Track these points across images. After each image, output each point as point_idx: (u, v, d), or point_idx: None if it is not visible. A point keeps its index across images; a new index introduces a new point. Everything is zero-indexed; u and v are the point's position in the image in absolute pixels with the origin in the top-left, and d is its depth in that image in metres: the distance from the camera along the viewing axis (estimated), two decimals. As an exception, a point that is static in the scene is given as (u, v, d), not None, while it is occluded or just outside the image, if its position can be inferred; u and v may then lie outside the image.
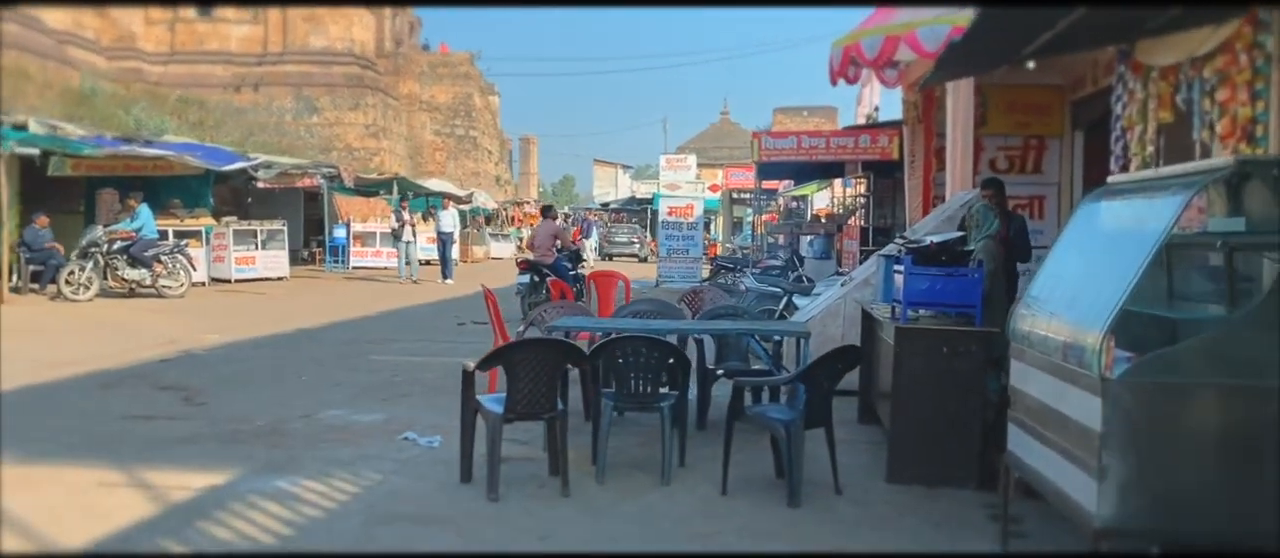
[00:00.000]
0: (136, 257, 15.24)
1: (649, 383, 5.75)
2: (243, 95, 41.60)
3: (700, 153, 54.93)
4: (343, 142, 41.47)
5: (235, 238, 19.17)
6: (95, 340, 11.12)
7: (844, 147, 15.93)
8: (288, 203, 25.26)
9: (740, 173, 37.53)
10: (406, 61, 49.38)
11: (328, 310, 14.99)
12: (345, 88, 42.47)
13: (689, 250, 21.21)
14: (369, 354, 10.68)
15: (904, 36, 10.68)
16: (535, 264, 13.62)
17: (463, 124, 49.89)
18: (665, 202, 21.93)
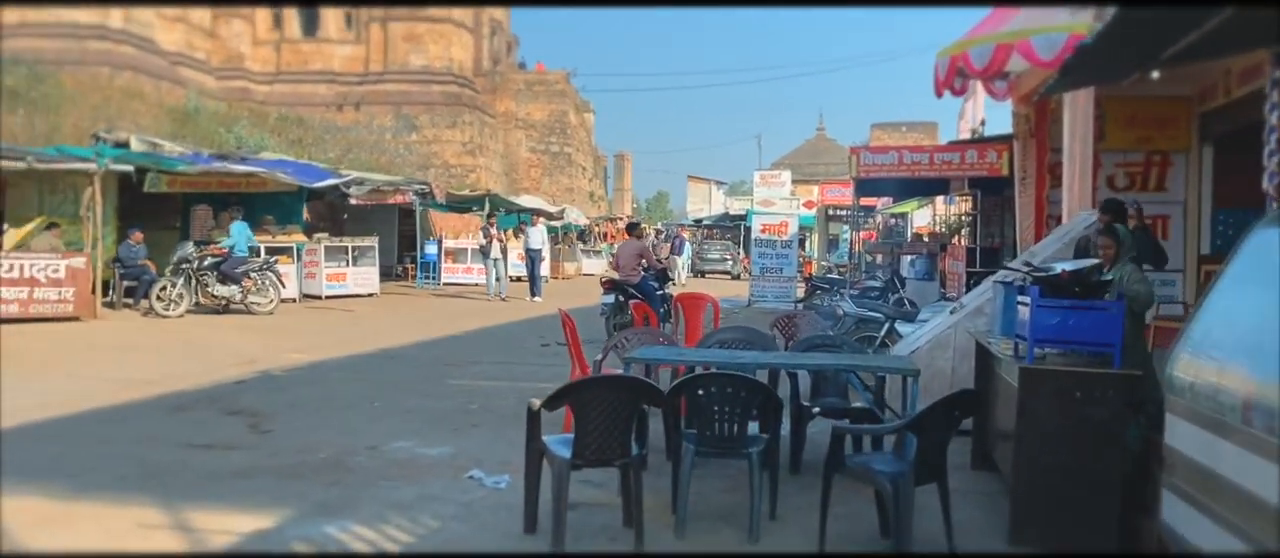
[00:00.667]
0: (227, 273, 15.22)
1: (736, 424, 5.08)
2: (345, 114, 42.39)
3: (795, 168, 53.98)
4: (440, 159, 41.85)
5: (326, 254, 19.14)
6: (177, 359, 10.95)
7: (949, 162, 14.97)
8: (383, 219, 25.32)
9: (837, 189, 36.48)
10: (503, 80, 49.72)
11: (412, 329, 14.70)
12: (443, 106, 42.90)
13: (783, 269, 20.39)
14: (446, 377, 10.24)
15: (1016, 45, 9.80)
16: (620, 284, 13.06)
17: (557, 141, 49.91)
18: (758, 218, 21.18)
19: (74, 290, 13.30)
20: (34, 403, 8.00)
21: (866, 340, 9.81)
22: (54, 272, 13.13)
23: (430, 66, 43.17)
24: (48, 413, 7.71)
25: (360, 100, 42.70)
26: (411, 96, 42.76)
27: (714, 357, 6.25)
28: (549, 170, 50.03)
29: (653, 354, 6.32)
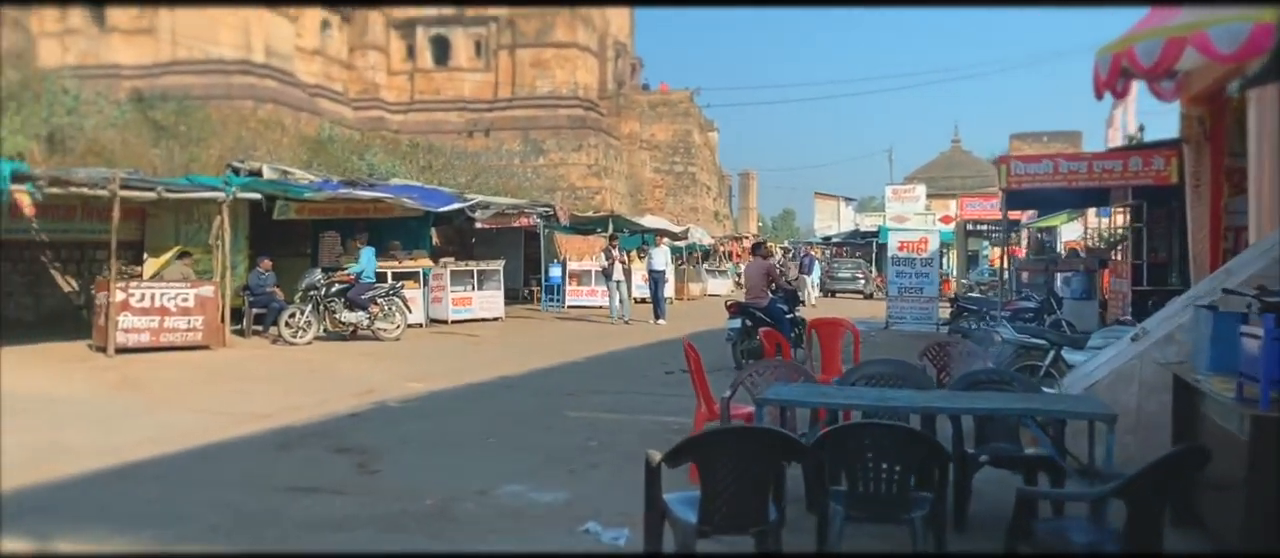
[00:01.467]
0: (353, 300, 15.08)
1: (894, 483, 4.21)
2: (474, 140, 42.91)
3: (929, 182, 51.98)
4: (566, 181, 41.84)
5: (452, 279, 18.94)
6: (296, 389, 10.67)
7: (1110, 171, 13.57)
8: (510, 242, 25.16)
9: (976, 203, 34.64)
10: (628, 102, 49.55)
11: (534, 355, 14.20)
12: (569, 129, 42.95)
13: (923, 289, 19.11)
14: (565, 409, 9.61)
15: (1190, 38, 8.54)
16: (747, 307, 12.24)
17: (681, 161, 49.37)
18: (895, 235, 19.94)
19: (203, 319, 13.31)
20: (147, 438, 7.73)
21: (1028, 370, 8.71)
22: (183, 300, 13.17)
23: (557, 91, 43.31)
24: (158, 449, 7.40)
25: (489, 126, 43.15)
26: (538, 121, 42.97)
27: (862, 398, 5.37)
28: (673, 190, 49.53)
29: (790, 394, 5.48)
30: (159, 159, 18.91)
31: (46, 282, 15.71)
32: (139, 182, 12.68)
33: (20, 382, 10.40)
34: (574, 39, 43.36)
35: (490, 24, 44.20)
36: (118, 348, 12.46)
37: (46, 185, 11.44)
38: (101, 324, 12.63)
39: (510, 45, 43.40)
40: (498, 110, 43.48)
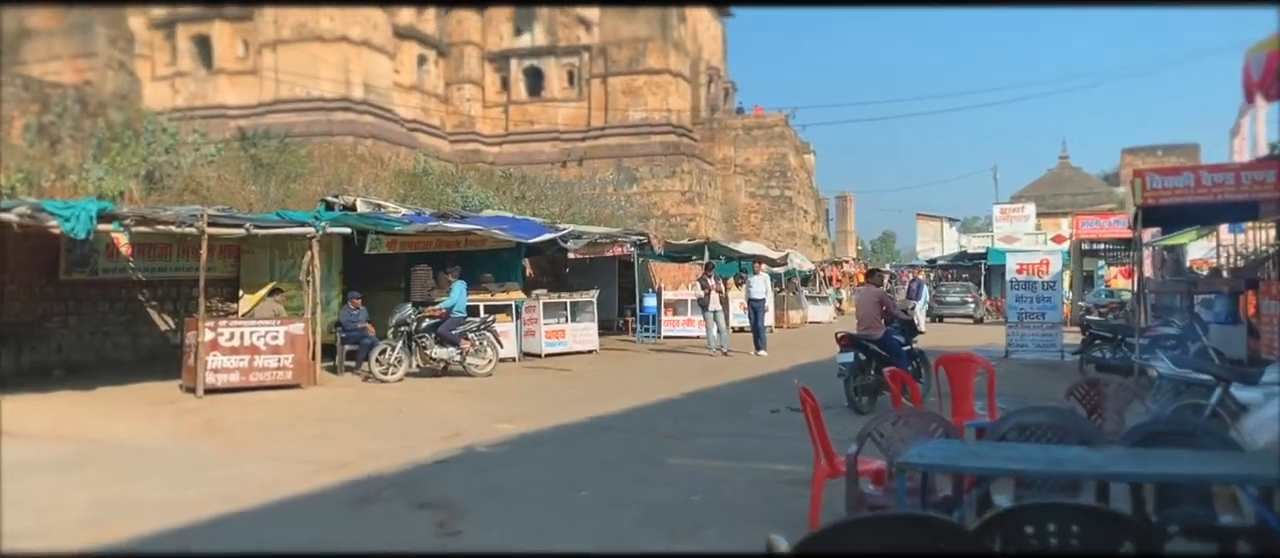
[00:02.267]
0: (444, 335, 14.59)
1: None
2: (568, 170, 42.65)
3: (1037, 201, 49.73)
4: (660, 209, 41.21)
5: (545, 311, 18.36)
6: (382, 432, 10.11)
7: (1261, 182, 12.15)
8: (604, 272, 24.53)
9: (1093, 221, 32.69)
10: (721, 127, 48.78)
11: (629, 390, 13.44)
12: (662, 156, 42.35)
13: (1045, 314, 17.72)
14: (665, 455, 8.79)
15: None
16: (859, 340, 11.24)
17: (778, 185, 48.29)
18: (1013, 257, 18.59)
19: (293, 357, 12.94)
20: (219, 493, 7.19)
21: (1191, 410, 7.55)
22: (273, 339, 12.82)
23: (649, 118, 42.81)
24: (227, 506, 6.84)
25: (582, 155, 42.87)
26: (631, 149, 42.51)
27: (1028, 460, 4.42)
28: (769, 215, 48.43)
29: (938, 456, 4.54)
30: (254, 196, 18.89)
31: (143, 321, 15.67)
32: (228, 218, 12.40)
33: (105, 426, 10.10)
34: (666, 65, 42.85)
35: (582, 53, 44.04)
36: (207, 388, 12.15)
37: (133, 224, 11.20)
38: (191, 364, 12.35)
39: (602, 74, 43.12)
40: (591, 139, 43.20)
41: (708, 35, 52.05)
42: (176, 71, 39.31)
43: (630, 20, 43.93)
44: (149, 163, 16.95)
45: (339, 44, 37.89)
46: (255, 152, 26.23)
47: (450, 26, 44.35)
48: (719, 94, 51.19)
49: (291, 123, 36.19)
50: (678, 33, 45.01)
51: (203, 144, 18.77)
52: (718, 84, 51.05)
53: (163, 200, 16.66)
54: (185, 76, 39.25)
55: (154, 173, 17.00)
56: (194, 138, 18.72)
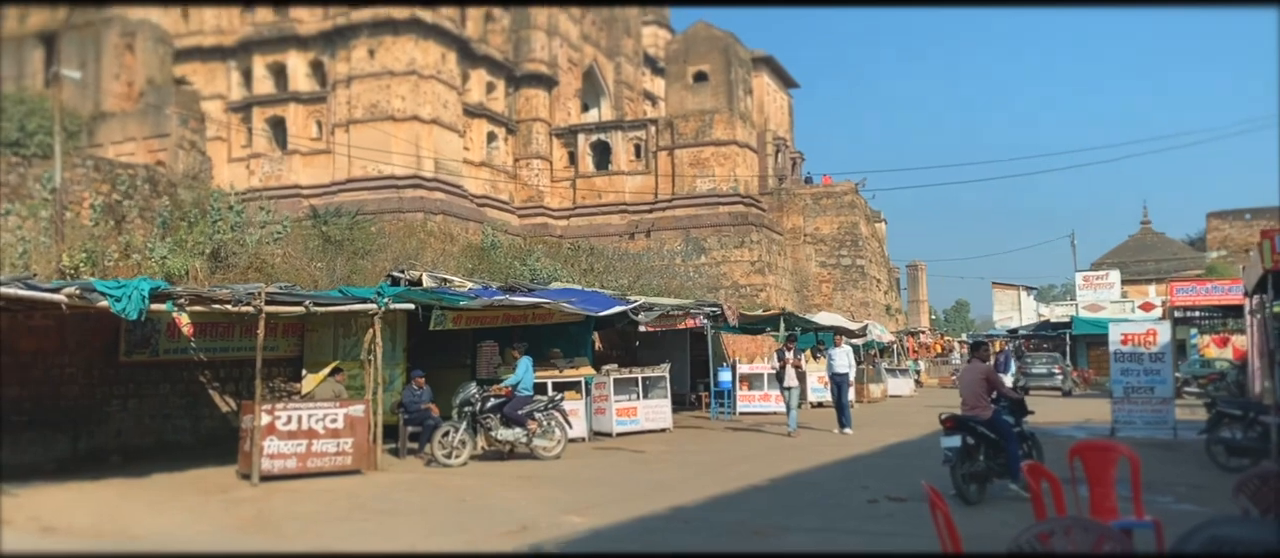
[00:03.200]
0: (510, 415, 13.72)
1: None
2: (636, 242, 42.06)
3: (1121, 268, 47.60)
4: (729, 279, 40.28)
5: (616, 387, 17.41)
6: (440, 526, 9.20)
7: None
8: (675, 345, 23.55)
9: (1189, 288, 30.78)
10: (790, 196, 47.91)
11: (708, 475, 12.37)
12: (731, 226, 41.55)
13: (1154, 388, 16.22)
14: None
15: None
16: (967, 422, 10.06)
17: (849, 254, 47.05)
18: (1117, 327, 17.14)
19: (352, 441, 12.18)
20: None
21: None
22: (332, 422, 12.08)
23: (717, 189, 42.15)
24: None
25: (650, 227, 42.28)
26: (699, 219, 41.81)
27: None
28: (841, 285, 47.14)
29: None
30: (320, 273, 18.45)
31: (205, 402, 15.11)
32: (287, 296, 11.79)
33: (150, 521, 9.37)
34: (732, 136, 42.26)
35: (648, 127, 43.75)
36: (263, 475, 11.41)
37: (188, 303, 10.62)
38: (247, 450, 11.65)
39: (669, 146, 42.70)
40: (658, 210, 42.62)
41: (774, 106, 51.54)
42: (252, 153, 39.87)
43: (696, 93, 43.61)
44: (214, 241, 16.60)
45: (410, 123, 38.07)
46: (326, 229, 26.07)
47: (519, 104, 44.49)
48: (786, 164, 50.42)
49: (363, 200, 36.29)
50: (743, 104, 44.52)
51: (269, 222, 18.44)
52: (785, 154, 50.31)
53: (227, 279, 16.23)
54: (260, 157, 39.78)
55: (219, 251, 16.64)
56: (261, 216, 18.41)
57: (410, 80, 38.04)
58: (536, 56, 44.13)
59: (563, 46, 45.68)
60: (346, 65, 38.67)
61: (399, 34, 38.05)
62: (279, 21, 39.85)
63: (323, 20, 39.34)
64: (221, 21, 40.48)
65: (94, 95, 22.73)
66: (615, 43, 50.31)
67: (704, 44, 43.38)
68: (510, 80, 44.04)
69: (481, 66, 42.36)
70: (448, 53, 39.47)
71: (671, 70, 44.51)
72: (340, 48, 38.89)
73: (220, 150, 40.19)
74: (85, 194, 17.41)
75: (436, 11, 38.56)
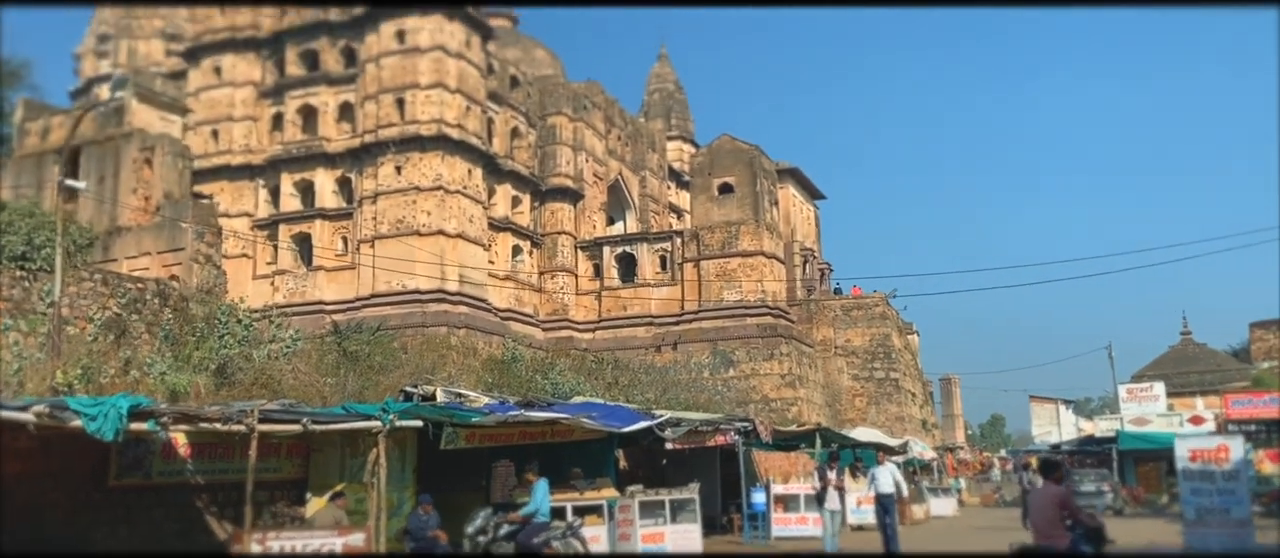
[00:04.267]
0: (524, 545, 12.52)
1: None
2: (663, 355, 40.97)
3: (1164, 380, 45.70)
4: (759, 393, 38.97)
5: (641, 510, 16.13)
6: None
7: None
8: (705, 463, 22.21)
9: (1244, 400, 29.13)
10: (819, 308, 46.84)
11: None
12: (759, 339, 40.41)
13: (1229, 510, 14.73)
14: None
15: None
16: (1040, 552, 8.78)
17: (882, 367, 45.65)
18: (1183, 442, 15.77)
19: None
20: None
21: None
22: (330, 552, 10.94)
23: (744, 300, 41.19)
24: None
25: (677, 339, 41.23)
26: (727, 332, 40.74)
27: None
28: (875, 398, 45.61)
29: None
30: (330, 388, 17.51)
31: (201, 529, 13.99)
32: (283, 413, 10.82)
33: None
34: (759, 247, 41.52)
35: (674, 238, 43.15)
36: (251, 614, 10.22)
37: (171, 422, 9.65)
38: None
39: (695, 257, 41.98)
40: (685, 322, 41.64)
41: (800, 217, 51.00)
42: (277, 269, 39.51)
43: (722, 205, 43.15)
44: (220, 356, 15.75)
45: (435, 237, 37.64)
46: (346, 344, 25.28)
47: (544, 217, 44.16)
48: (815, 275, 49.54)
49: (386, 315, 35.61)
50: (770, 215, 43.94)
51: (278, 337, 17.62)
52: (813, 265, 49.49)
53: (232, 396, 15.32)
54: (285, 274, 39.39)
55: (225, 367, 15.77)
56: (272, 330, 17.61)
57: (436, 195, 37.77)
58: (562, 171, 44.00)
59: (588, 161, 45.59)
60: (373, 181, 38.54)
61: (426, 150, 37.96)
62: (308, 140, 40.01)
63: (351, 138, 39.45)
64: (251, 141, 40.70)
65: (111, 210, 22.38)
66: (640, 157, 50.29)
67: (729, 156, 43.11)
68: (536, 194, 43.82)
69: (507, 181, 42.20)
70: (474, 168, 39.33)
71: (697, 182, 44.19)
72: (367, 165, 38.84)
73: (245, 268, 39.92)
74: (91, 310, 16.68)
75: (463, 130, 38.57)
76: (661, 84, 58.73)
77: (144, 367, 14.52)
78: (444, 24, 38.46)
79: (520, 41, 51.02)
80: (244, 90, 41.09)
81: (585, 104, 45.49)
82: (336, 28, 40.30)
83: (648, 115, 56.89)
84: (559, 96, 44.58)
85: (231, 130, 40.74)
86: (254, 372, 15.99)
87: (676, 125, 56.96)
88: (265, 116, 41.19)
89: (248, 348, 16.34)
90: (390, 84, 38.47)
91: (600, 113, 46.98)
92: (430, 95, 38.10)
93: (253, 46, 41.12)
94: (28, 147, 21.95)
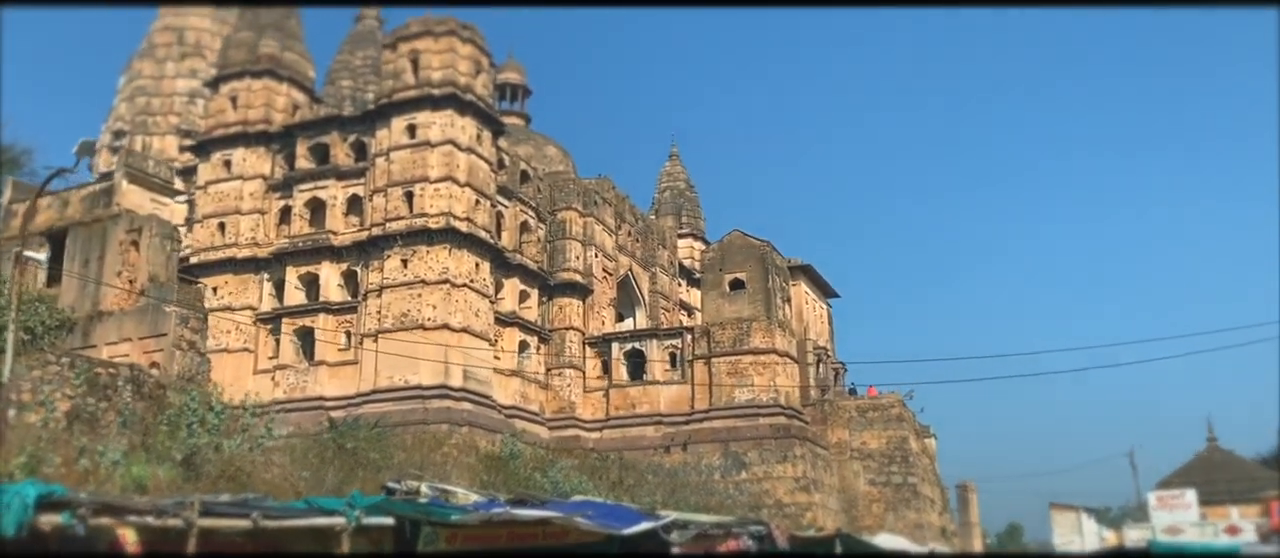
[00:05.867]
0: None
1: None
2: (672, 455, 39.15)
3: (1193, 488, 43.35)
4: (772, 497, 36.97)
5: (644, 624, 14.34)
6: None
7: None
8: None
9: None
10: (833, 409, 45.00)
11: None
12: (773, 440, 38.57)
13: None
14: None
15: None
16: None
17: (899, 471, 43.56)
18: (1251, 553, 13.96)
19: None
20: None
21: None
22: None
23: (756, 399, 39.50)
24: None
25: (687, 439, 39.42)
26: (738, 432, 38.94)
27: None
28: (892, 504, 43.37)
29: None
30: (306, 484, 15.97)
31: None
32: (230, 508, 9.30)
33: None
34: (772, 345, 40.01)
35: (684, 335, 41.71)
36: None
37: (89, 514, 8.18)
38: None
39: (706, 355, 40.46)
40: (695, 422, 39.86)
41: (813, 315, 49.58)
42: (278, 364, 38.18)
43: (733, 301, 41.92)
44: (188, 446, 14.30)
45: (440, 331, 36.31)
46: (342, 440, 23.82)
47: (552, 313, 42.89)
48: (829, 375, 47.85)
49: (388, 412, 34.13)
50: (782, 312, 42.61)
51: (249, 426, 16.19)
52: (826, 364, 47.86)
53: (197, 489, 13.79)
54: (286, 369, 38.02)
55: (192, 458, 14.30)
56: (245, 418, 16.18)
57: (442, 289, 36.60)
58: (571, 266, 42.91)
59: (598, 256, 44.54)
60: (379, 275, 37.49)
61: (433, 244, 36.97)
62: (315, 233, 39.15)
63: (358, 231, 38.57)
64: (257, 234, 39.86)
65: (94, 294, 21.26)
66: (651, 253, 49.25)
67: (740, 252, 42.03)
68: (544, 289, 42.64)
69: (515, 275, 41.10)
70: (481, 262, 38.27)
71: (707, 279, 43.03)
72: (374, 258, 37.84)
73: (247, 362, 38.65)
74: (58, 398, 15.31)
75: (471, 224, 37.64)
76: (673, 182, 58.15)
77: (95, 456, 13.08)
78: (455, 118, 37.93)
79: (532, 138, 50.69)
80: (253, 183, 40.47)
81: (596, 199, 44.69)
82: (347, 122, 39.89)
83: (659, 213, 56.12)
84: (569, 191, 43.82)
85: (239, 223, 39.95)
86: (222, 464, 14.52)
87: (688, 223, 56.13)
88: (273, 210, 40.45)
89: (218, 438, 14.88)
90: (399, 177, 37.76)
91: (611, 208, 46.16)
92: (439, 188, 37.33)
93: (264, 140, 40.67)
94: (13, 228, 21.04)
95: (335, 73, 46.93)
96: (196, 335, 21.04)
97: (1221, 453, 53.11)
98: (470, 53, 39.06)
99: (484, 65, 39.95)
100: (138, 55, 52.34)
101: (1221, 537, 33.91)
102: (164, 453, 14.06)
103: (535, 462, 25.12)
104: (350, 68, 46.47)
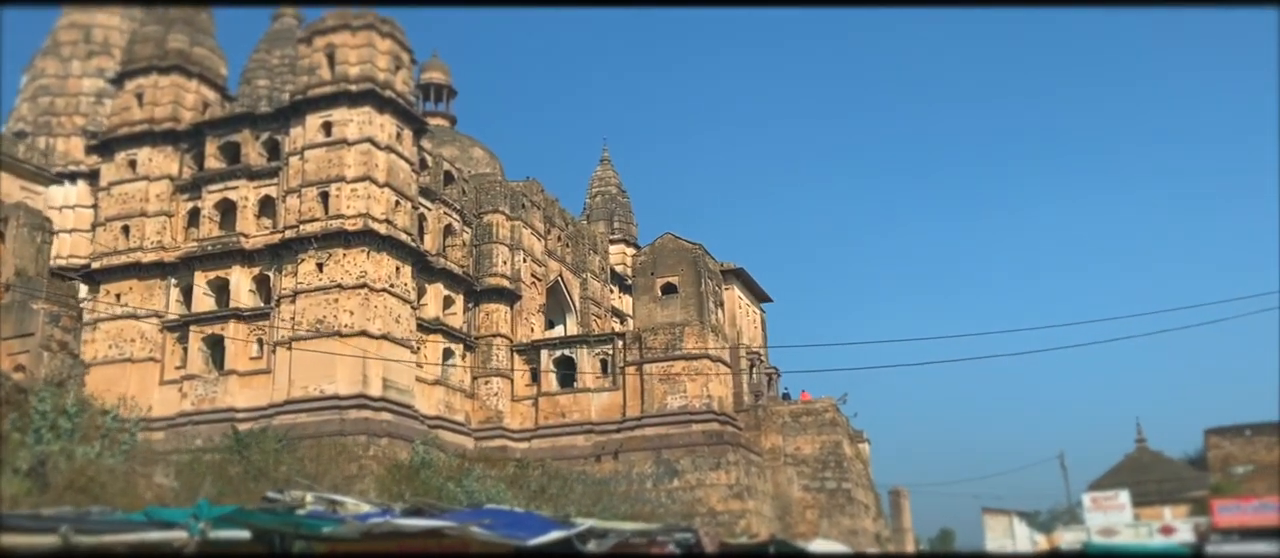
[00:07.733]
0: None
1: None
2: (603, 464, 37.61)
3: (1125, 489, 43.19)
4: (705, 505, 35.62)
5: (558, 644, 12.79)
6: None
7: None
8: (641, 583, 18.88)
9: (1233, 506, 26.60)
10: (767, 414, 43.85)
11: None
12: (706, 446, 37.22)
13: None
14: None
15: None
16: None
17: (834, 476, 42.58)
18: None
19: None
20: None
21: None
22: None
23: (689, 406, 38.13)
24: None
25: (618, 448, 37.89)
26: (671, 439, 37.53)
27: None
28: (826, 510, 42.34)
29: None
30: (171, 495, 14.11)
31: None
32: (29, 522, 7.56)
33: None
34: (705, 349, 38.71)
35: (615, 341, 40.20)
36: None
37: None
38: None
39: (637, 361, 39.00)
40: (626, 430, 38.35)
41: (746, 320, 48.54)
42: (186, 374, 35.68)
43: (665, 306, 40.50)
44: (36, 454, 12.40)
45: (358, 338, 34.21)
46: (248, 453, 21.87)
47: (479, 319, 41.03)
48: (762, 380, 46.77)
49: (303, 423, 32.08)
50: (715, 316, 41.36)
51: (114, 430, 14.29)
52: (760, 369, 46.77)
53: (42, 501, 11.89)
54: (195, 380, 35.52)
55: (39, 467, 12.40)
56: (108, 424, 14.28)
57: (360, 294, 34.55)
58: (498, 271, 41.11)
59: (526, 261, 42.84)
60: (293, 279, 35.27)
61: (351, 246, 34.90)
62: (225, 236, 36.79)
63: (270, 234, 36.35)
64: (164, 238, 37.33)
65: (-49, 293, 19.10)
66: (582, 258, 47.72)
67: (672, 255, 40.71)
68: (470, 294, 40.79)
69: (439, 280, 39.20)
70: (402, 265, 36.30)
71: (639, 283, 41.60)
72: (288, 262, 35.63)
73: (152, 372, 36.16)
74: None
75: (391, 225, 35.70)
76: (604, 186, 56.76)
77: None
78: (374, 116, 35.96)
79: (457, 139, 48.89)
80: (159, 184, 37.96)
81: (524, 203, 43.03)
82: (260, 120, 37.66)
83: (590, 218, 54.64)
84: (496, 194, 42.09)
85: (144, 226, 37.40)
86: (72, 473, 12.63)
87: (619, 228, 54.76)
88: (181, 212, 38.00)
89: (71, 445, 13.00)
90: (314, 177, 35.65)
91: (540, 212, 44.54)
92: (356, 189, 35.31)
93: (171, 139, 38.20)
94: None
95: (251, 72, 44.53)
96: (69, 336, 18.96)
97: (1150, 454, 53.31)
98: (390, 48, 37.19)
99: (404, 62, 38.08)
100: (41, 53, 49.16)
101: (1156, 537, 33.52)
102: (12, 462, 12.15)
103: (450, 471, 23.37)
104: (267, 66, 44.10)
